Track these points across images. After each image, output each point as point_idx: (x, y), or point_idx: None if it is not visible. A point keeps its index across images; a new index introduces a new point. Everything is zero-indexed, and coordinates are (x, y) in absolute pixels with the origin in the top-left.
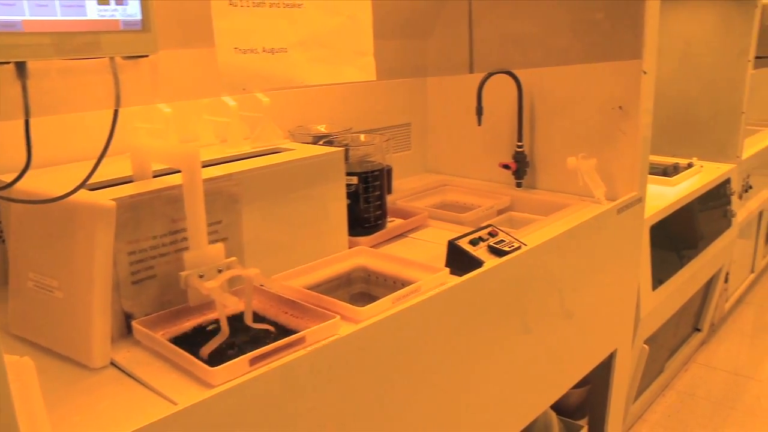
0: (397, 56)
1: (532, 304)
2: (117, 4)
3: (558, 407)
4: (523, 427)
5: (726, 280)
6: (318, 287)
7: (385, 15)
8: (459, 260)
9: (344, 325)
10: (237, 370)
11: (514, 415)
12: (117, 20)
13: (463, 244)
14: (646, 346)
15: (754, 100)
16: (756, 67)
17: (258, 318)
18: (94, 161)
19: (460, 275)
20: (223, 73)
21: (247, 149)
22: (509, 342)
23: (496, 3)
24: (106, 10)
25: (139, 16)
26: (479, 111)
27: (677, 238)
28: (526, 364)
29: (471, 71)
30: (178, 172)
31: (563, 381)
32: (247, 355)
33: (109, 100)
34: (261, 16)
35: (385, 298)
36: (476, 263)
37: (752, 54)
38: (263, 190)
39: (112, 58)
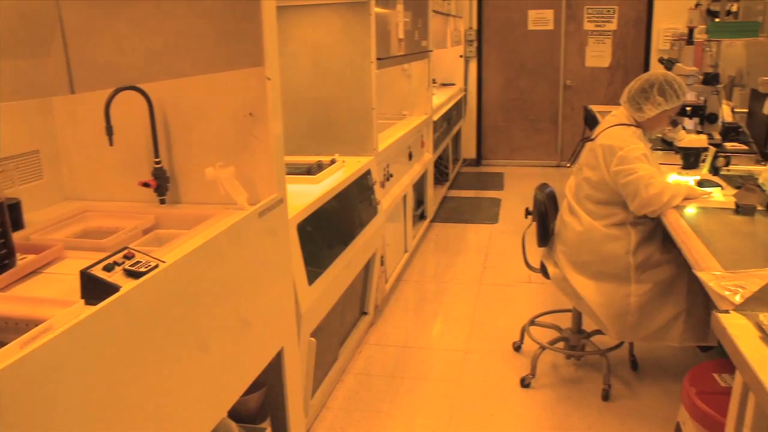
0: (14, 76)
1: (191, 317)
2: None
3: (238, 415)
4: None
5: (382, 263)
6: None
7: None
8: (94, 289)
9: None
10: None
11: (187, 430)
12: None
13: (97, 271)
14: (313, 339)
15: (382, 97)
16: (379, 67)
17: None
18: None
19: (97, 304)
20: None
21: None
22: (168, 357)
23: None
24: None
25: None
26: (109, 130)
27: (330, 231)
28: (190, 378)
29: (72, 91)
30: None
31: (233, 388)
32: None
33: None
34: None
35: (11, 344)
36: (112, 289)
37: (374, 56)
38: None
39: None
